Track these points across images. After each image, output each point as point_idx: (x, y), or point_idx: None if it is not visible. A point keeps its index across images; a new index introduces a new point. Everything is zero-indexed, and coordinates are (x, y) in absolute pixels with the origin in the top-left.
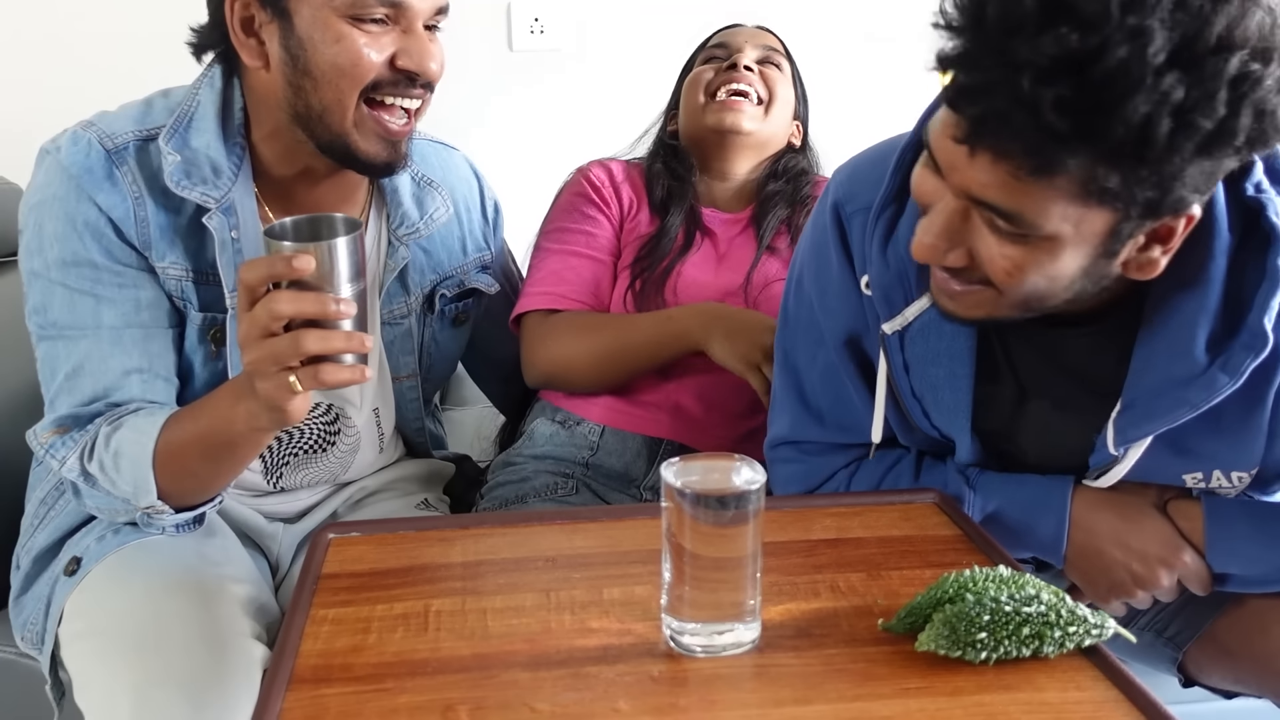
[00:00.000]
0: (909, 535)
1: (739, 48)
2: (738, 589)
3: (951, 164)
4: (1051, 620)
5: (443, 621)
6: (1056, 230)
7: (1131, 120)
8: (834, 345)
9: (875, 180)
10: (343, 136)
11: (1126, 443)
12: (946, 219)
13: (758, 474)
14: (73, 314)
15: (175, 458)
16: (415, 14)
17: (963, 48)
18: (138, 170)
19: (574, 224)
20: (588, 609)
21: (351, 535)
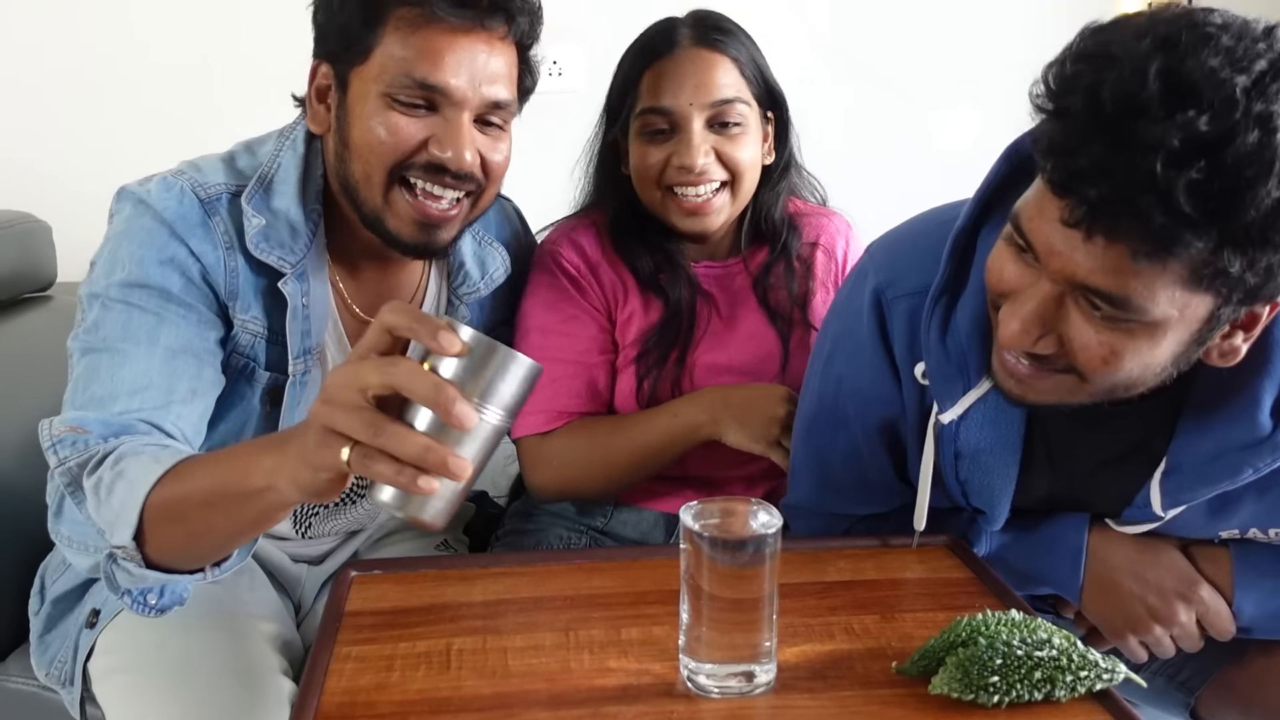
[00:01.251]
0: (922, 578)
1: (683, 115)
2: (754, 630)
3: (1053, 249)
4: (1063, 664)
5: (464, 660)
6: (1163, 315)
7: (1263, 204)
8: (862, 430)
9: (918, 264)
10: (376, 213)
11: (1178, 505)
12: (1039, 305)
13: (774, 518)
14: (127, 329)
15: (175, 497)
16: (460, 104)
17: (1075, 131)
18: (229, 222)
19: (557, 325)
20: (607, 649)
21: (374, 574)
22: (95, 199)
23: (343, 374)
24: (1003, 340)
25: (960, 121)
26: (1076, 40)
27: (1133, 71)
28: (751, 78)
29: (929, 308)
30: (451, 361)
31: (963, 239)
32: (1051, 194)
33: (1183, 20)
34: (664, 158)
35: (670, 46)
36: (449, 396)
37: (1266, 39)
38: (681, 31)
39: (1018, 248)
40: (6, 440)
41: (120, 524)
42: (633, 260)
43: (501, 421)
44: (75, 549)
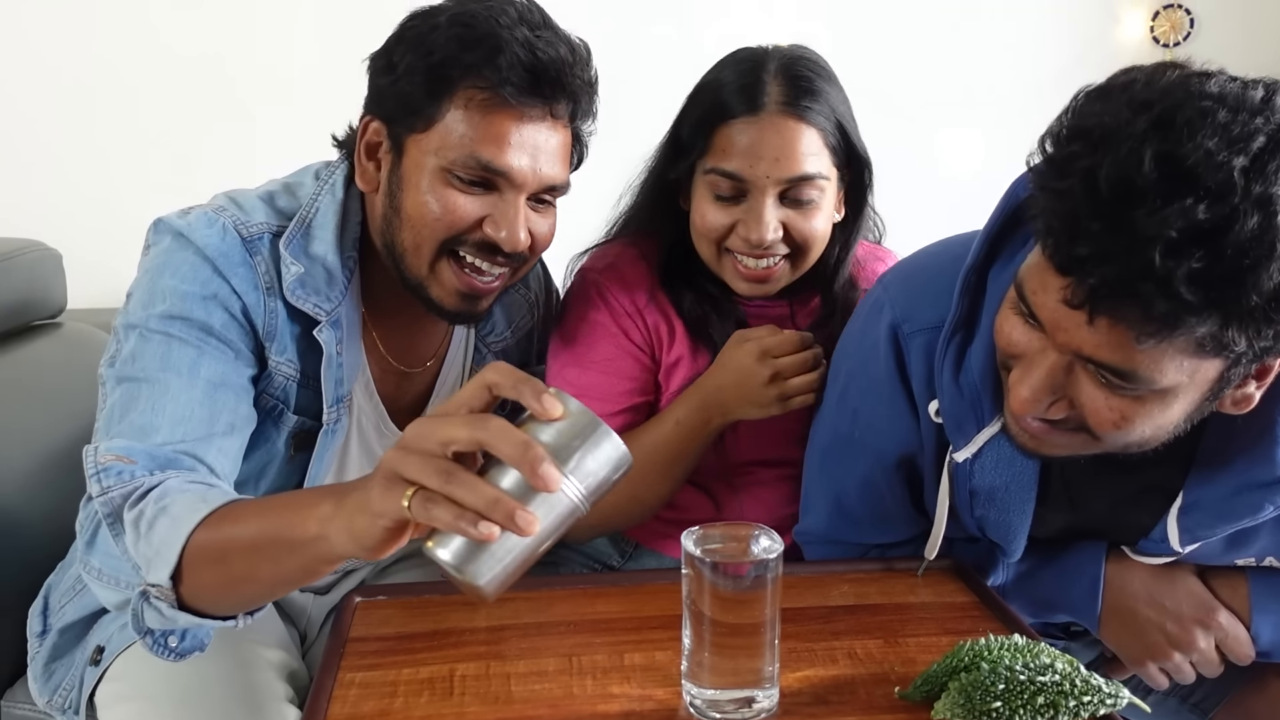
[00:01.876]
0: (926, 602)
1: (757, 186)
2: (756, 656)
3: (1058, 324)
4: (1066, 689)
5: (467, 686)
6: (1172, 383)
7: (1265, 287)
8: (879, 463)
9: (933, 297)
10: (420, 281)
11: (1196, 541)
12: (1048, 373)
13: (775, 543)
14: (167, 360)
15: (219, 540)
16: (519, 186)
17: (1074, 215)
18: (270, 263)
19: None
20: (610, 674)
21: (378, 599)
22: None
23: (426, 425)
24: (1014, 407)
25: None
26: (1072, 109)
27: (1129, 154)
28: (835, 146)
29: (942, 346)
30: (546, 429)
31: (973, 277)
32: (1053, 271)
33: (1179, 93)
34: (729, 223)
35: (754, 106)
36: (536, 454)
37: (1264, 109)
38: (769, 88)
39: (1023, 315)
40: (15, 468)
41: (159, 561)
42: (681, 303)
43: (580, 500)
44: (105, 583)
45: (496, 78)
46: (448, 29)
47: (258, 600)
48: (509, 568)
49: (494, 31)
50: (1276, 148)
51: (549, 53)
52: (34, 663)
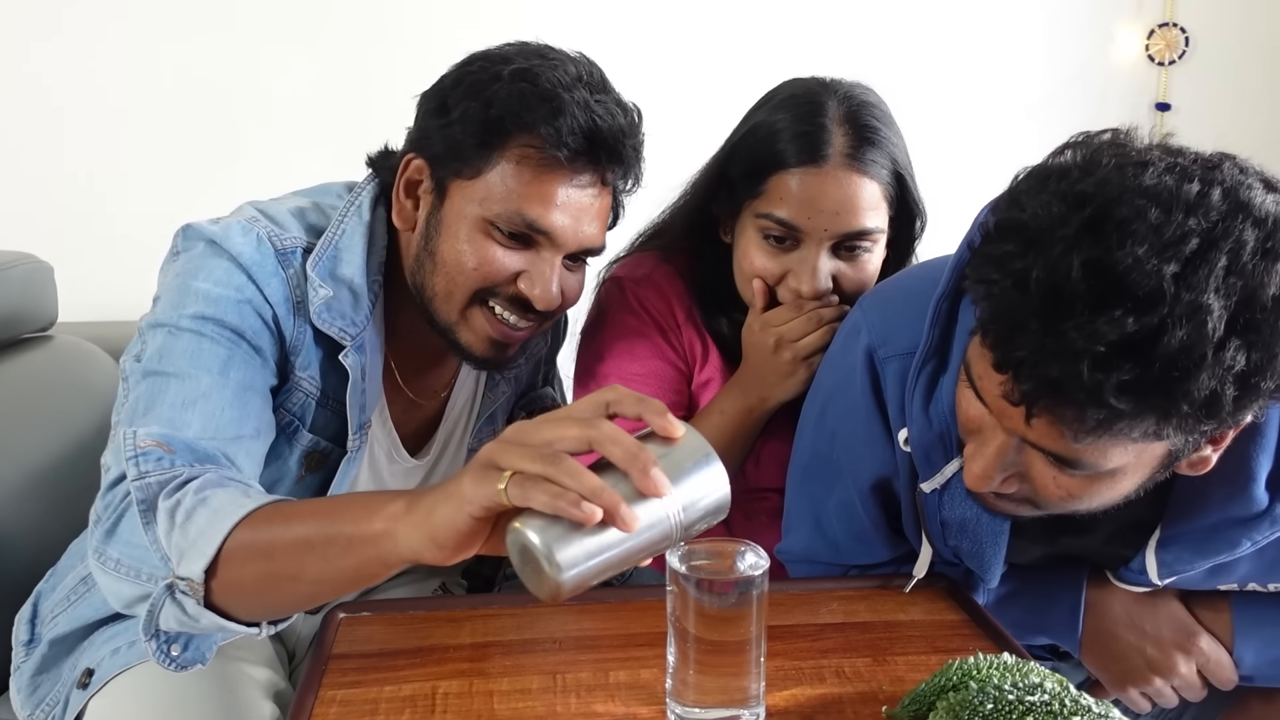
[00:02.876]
0: (916, 619)
1: (813, 238)
2: (741, 674)
3: (1003, 411)
4: (1055, 709)
5: (449, 704)
6: (1119, 464)
7: (1197, 396)
8: (855, 485)
9: (909, 322)
10: (448, 325)
11: (1174, 574)
12: (999, 451)
13: (761, 559)
14: (197, 358)
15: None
16: (559, 245)
17: (1009, 316)
18: (301, 278)
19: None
20: (594, 692)
21: (362, 615)
22: (96, 240)
23: (531, 424)
24: (967, 482)
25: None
26: (1009, 196)
27: (1060, 259)
28: (892, 198)
29: (913, 375)
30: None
31: (944, 305)
32: (998, 371)
33: (1113, 188)
34: (778, 271)
35: (817, 158)
36: (649, 457)
37: (1200, 205)
38: (833, 138)
39: (976, 392)
40: (4, 481)
41: (194, 553)
42: (715, 327)
43: (677, 523)
44: (122, 575)
45: (555, 139)
46: (510, 83)
47: (295, 605)
48: (595, 565)
49: (556, 93)
50: (1209, 250)
51: (608, 120)
52: (19, 674)
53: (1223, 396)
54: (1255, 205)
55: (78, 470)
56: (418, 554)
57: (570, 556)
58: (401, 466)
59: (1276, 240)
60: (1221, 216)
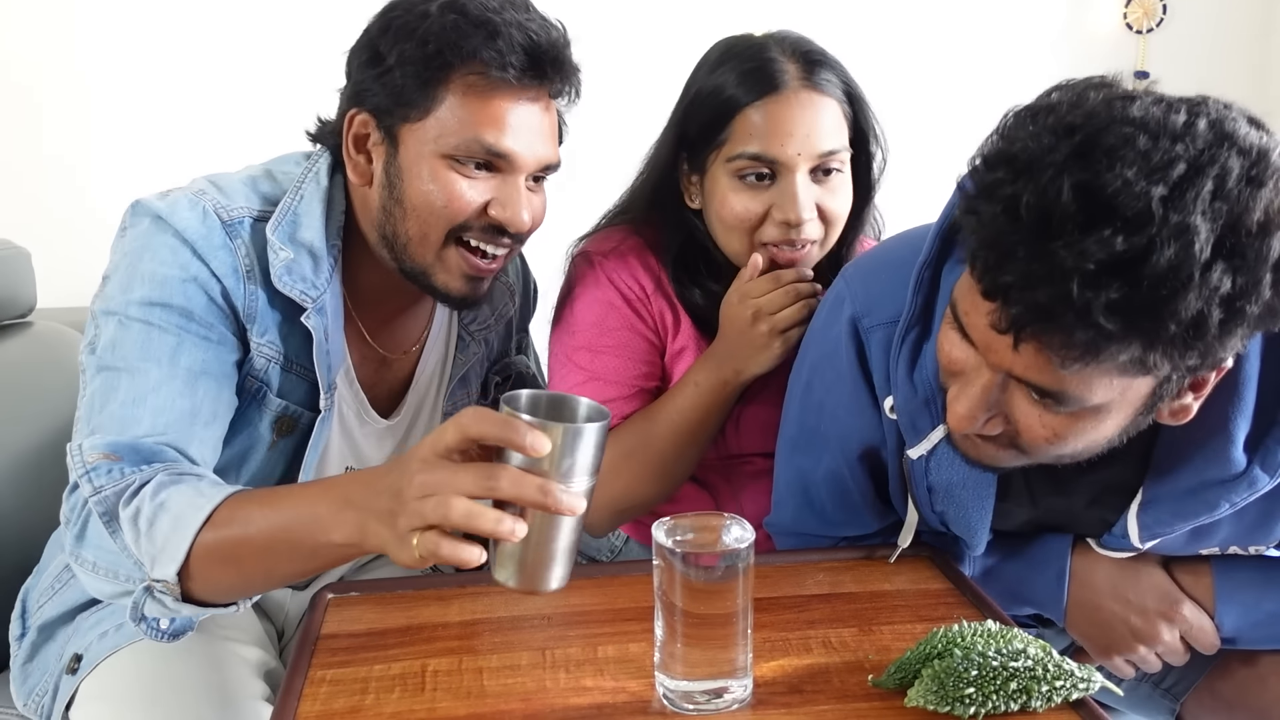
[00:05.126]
0: (900, 589)
1: (789, 165)
2: (729, 646)
3: (989, 345)
4: (1039, 675)
5: (439, 681)
6: (1103, 400)
7: (1184, 316)
8: (843, 454)
9: (892, 291)
10: (424, 269)
11: (1155, 538)
12: (983, 390)
13: (747, 532)
14: (147, 350)
15: (230, 539)
16: (519, 167)
17: (998, 242)
18: (251, 247)
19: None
20: (583, 667)
21: (350, 595)
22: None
23: (434, 479)
24: (951, 424)
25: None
26: (999, 130)
27: (1049, 183)
28: (850, 120)
29: (897, 342)
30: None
31: (926, 273)
32: (980, 295)
33: (1101, 118)
34: (761, 210)
35: (775, 85)
36: (555, 497)
37: (1186, 134)
38: (785, 67)
39: (960, 332)
40: None
41: (164, 559)
42: (688, 297)
43: (591, 483)
44: (100, 575)
45: (498, 62)
46: (441, 16)
47: (270, 589)
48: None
49: (488, 17)
50: (1195, 175)
51: (544, 35)
52: (14, 664)
53: (1208, 319)
54: (1240, 136)
55: (59, 456)
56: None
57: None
58: (374, 428)
59: (1260, 169)
60: (1207, 145)
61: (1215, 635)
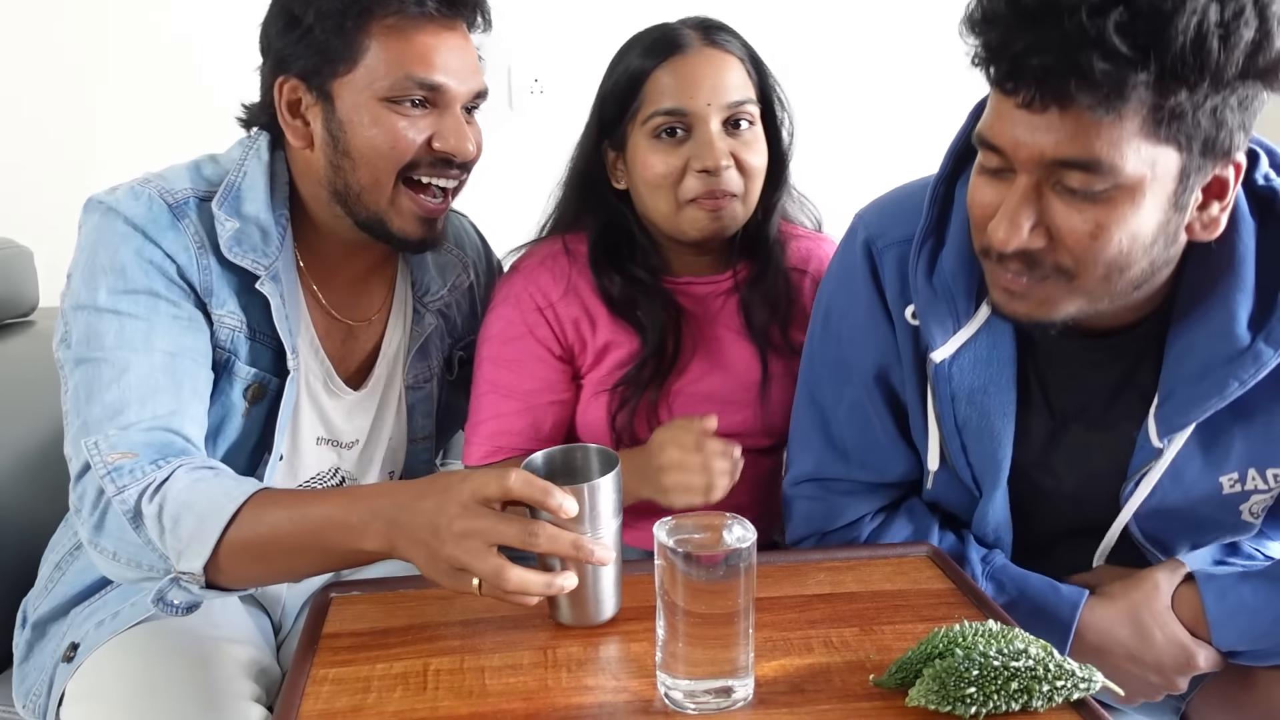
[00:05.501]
0: (902, 589)
1: (701, 115)
2: (730, 646)
3: (1019, 140)
4: (1040, 674)
5: (441, 680)
6: (1135, 172)
7: (1188, 30)
8: (862, 380)
9: (905, 217)
10: (380, 215)
11: (1172, 432)
12: (1020, 200)
13: (749, 532)
14: (121, 338)
15: (258, 540)
16: (453, 97)
17: (1006, 27)
18: (199, 225)
19: (509, 359)
20: (585, 666)
21: (352, 594)
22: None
23: (476, 526)
24: (996, 241)
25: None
26: None
27: None
28: (755, 80)
29: (915, 251)
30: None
31: (941, 188)
32: (1002, 94)
33: None
34: (680, 164)
35: (680, 47)
36: (588, 551)
37: None
38: (686, 34)
39: (990, 173)
40: None
41: (190, 554)
42: (608, 287)
43: (617, 523)
44: (121, 563)
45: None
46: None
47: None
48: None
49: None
50: None
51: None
52: (14, 665)
53: (1209, 39)
54: None
55: (62, 455)
56: None
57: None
58: (343, 401)
59: None
60: None
61: (1220, 658)
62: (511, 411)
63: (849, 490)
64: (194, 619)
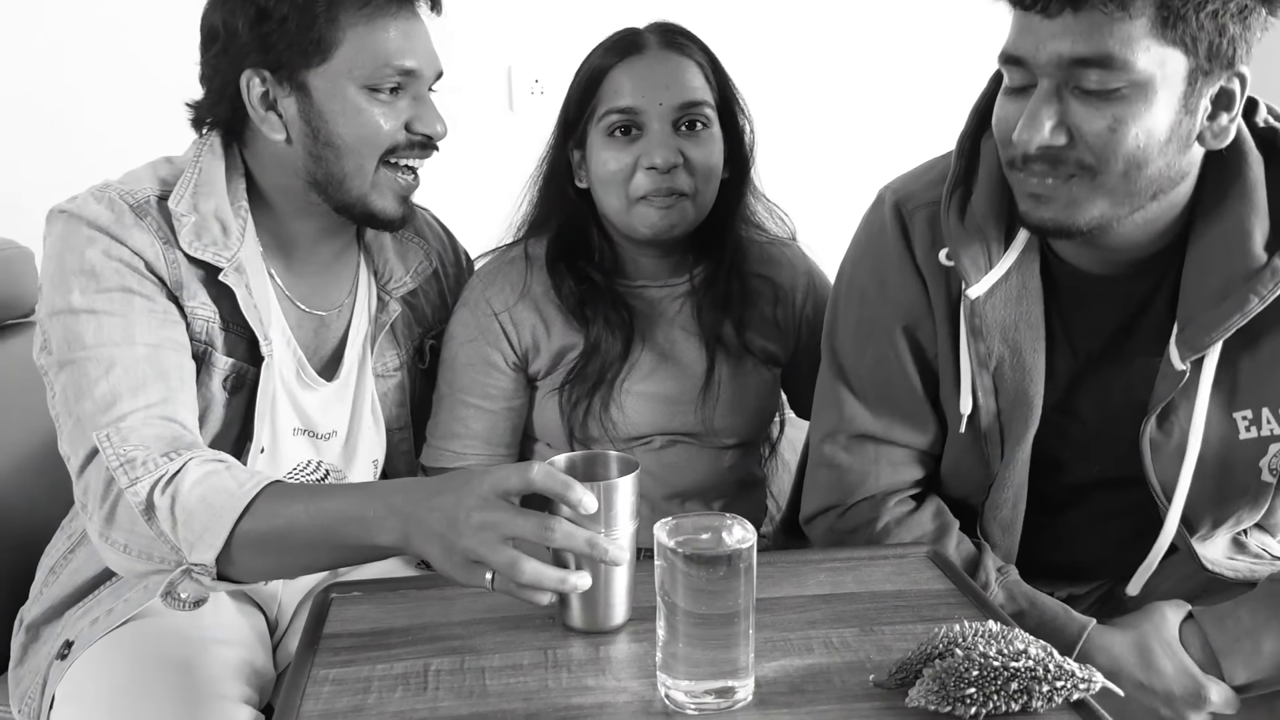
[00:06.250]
0: (901, 590)
1: (651, 114)
2: (731, 646)
3: (1039, 46)
4: (1039, 675)
5: (442, 680)
6: (1146, 70)
7: None
8: (888, 335)
9: (932, 182)
10: (361, 198)
11: (1194, 353)
12: (1041, 102)
13: (749, 532)
14: (101, 335)
15: (272, 533)
16: (424, 81)
17: None
18: (161, 220)
19: (466, 364)
20: (585, 667)
21: (353, 594)
22: None
23: (493, 518)
24: (1021, 138)
25: None
26: None
27: None
28: (714, 85)
29: (946, 199)
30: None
31: (967, 143)
32: (1022, 10)
33: None
34: (631, 161)
35: (636, 49)
36: (601, 549)
37: None
38: (646, 36)
39: (1014, 91)
40: None
41: (202, 546)
42: (560, 285)
43: (633, 527)
44: (131, 555)
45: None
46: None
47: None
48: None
49: None
50: None
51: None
52: (10, 668)
53: None
54: None
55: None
56: None
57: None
58: (318, 393)
59: None
60: None
61: (1234, 697)
62: (468, 416)
63: (873, 458)
64: (183, 620)
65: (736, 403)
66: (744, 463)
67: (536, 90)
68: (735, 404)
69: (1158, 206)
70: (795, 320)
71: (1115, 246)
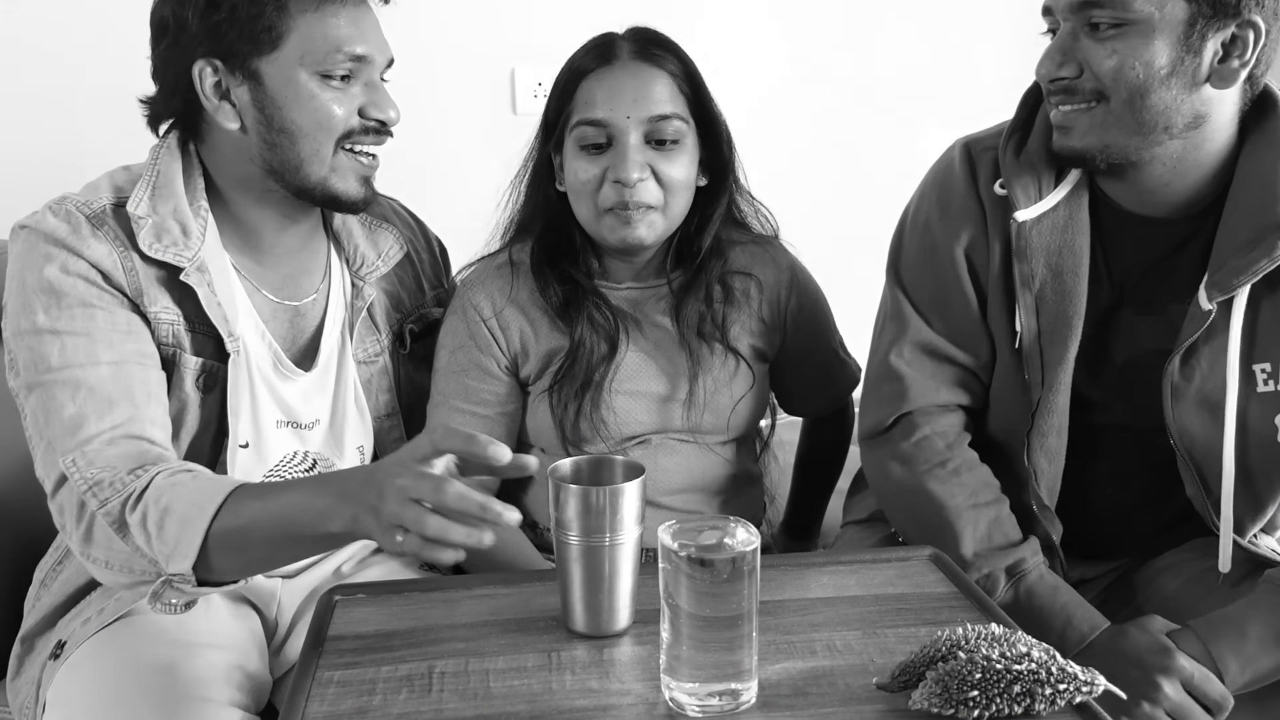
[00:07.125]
0: (904, 593)
1: (620, 127)
2: (734, 649)
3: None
4: (1042, 678)
5: (446, 683)
6: (1143, 10)
7: None
8: (949, 255)
9: (998, 133)
10: (323, 182)
11: (1222, 294)
12: (1059, 42)
13: (752, 535)
14: (65, 356)
15: (236, 534)
16: (375, 67)
17: None
18: (118, 229)
19: (459, 371)
20: (589, 669)
21: (357, 597)
22: None
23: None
24: (1039, 72)
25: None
26: None
27: None
28: (688, 95)
29: (1005, 139)
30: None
31: (1030, 98)
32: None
33: None
34: (600, 172)
35: (608, 59)
36: (495, 512)
37: None
38: (620, 45)
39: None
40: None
41: (178, 556)
42: (544, 287)
43: (639, 531)
44: (114, 570)
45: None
46: None
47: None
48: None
49: None
50: None
51: None
52: (8, 679)
53: None
54: None
55: None
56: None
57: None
58: (297, 383)
59: None
60: None
61: (1219, 683)
62: (461, 422)
63: (930, 372)
64: (173, 623)
65: (724, 400)
66: (739, 459)
67: (540, 93)
68: (723, 402)
69: (1182, 147)
70: (780, 316)
71: (1151, 187)
